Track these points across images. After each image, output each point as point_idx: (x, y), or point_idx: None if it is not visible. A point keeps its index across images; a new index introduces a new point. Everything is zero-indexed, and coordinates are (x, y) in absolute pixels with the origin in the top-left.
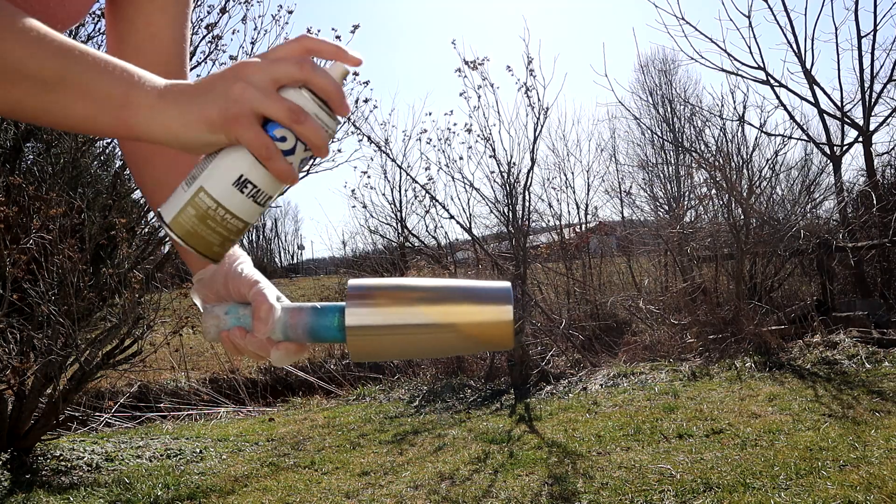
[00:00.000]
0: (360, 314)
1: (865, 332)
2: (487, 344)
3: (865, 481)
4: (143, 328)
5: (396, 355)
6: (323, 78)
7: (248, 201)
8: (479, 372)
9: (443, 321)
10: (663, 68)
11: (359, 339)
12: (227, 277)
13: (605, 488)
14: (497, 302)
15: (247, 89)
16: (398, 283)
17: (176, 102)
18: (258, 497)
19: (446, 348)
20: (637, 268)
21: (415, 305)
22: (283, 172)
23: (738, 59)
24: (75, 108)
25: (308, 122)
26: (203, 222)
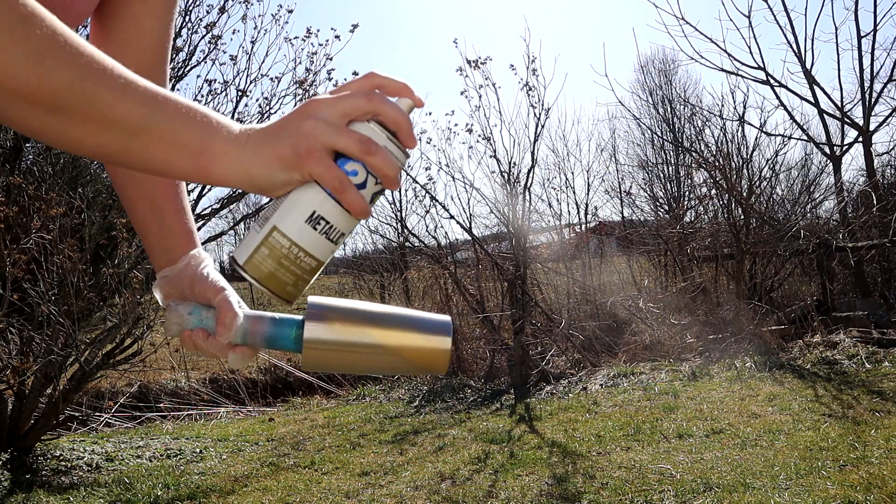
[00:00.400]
0: (316, 329)
1: (865, 332)
2: (425, 368)
3: (865, 481)
4: (143, 328)
5: (344, 369)
6: (392, 109)
7: (321, 238)
8: (479, 372)
9: (389, 344)
10: (663, 68)
11: (312, 351)
12: (193, 279)
13: (606, 488)
14: (439, 333)
15: (317, 125)
16: (353, 305)
17: (250, 145)
18: (258, 497)
19: (388, 368)
20: (637, 268)
21: (365, 327)
22: (356, 205)
23: (738, 59)
24: (155, 154)
25: (379, 152)
26: (277, 262)
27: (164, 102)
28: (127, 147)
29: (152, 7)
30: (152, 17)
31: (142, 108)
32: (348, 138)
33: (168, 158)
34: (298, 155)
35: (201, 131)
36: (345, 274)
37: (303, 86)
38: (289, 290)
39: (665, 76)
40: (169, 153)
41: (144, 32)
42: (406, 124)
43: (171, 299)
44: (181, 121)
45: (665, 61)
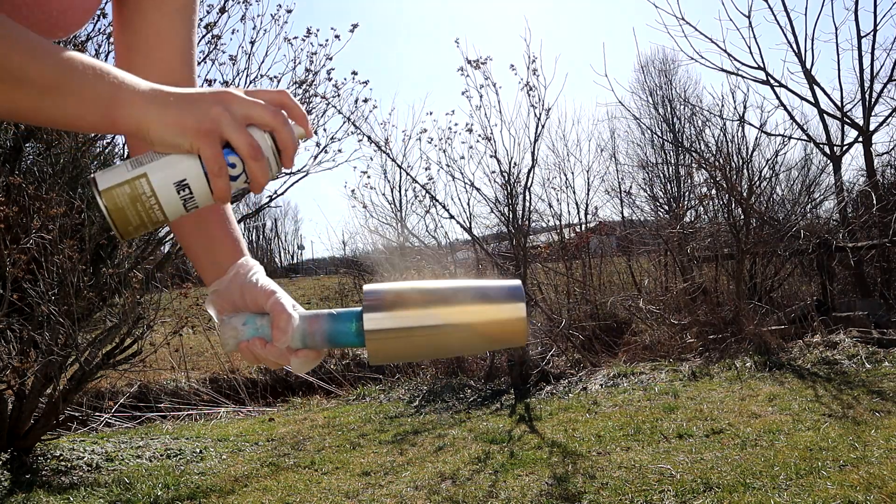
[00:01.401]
0: (377, 318)
1: (865, 332)
2: (502, 341)
3: (865, 481)
4: (143, 328)
5: (414, 357)
6: (288, 132)
7: (178, 201)
8: (479, 372)
9: (458, 321)
10: (663, 68)
11: (377, 342)
12: (243, 288)
13: (606, 488)
14: (510, 300)
15: (224, 114)
16: (412, 286)
17: (157, 103)
18: (258, 497)
19: (462, 347)
20: (637, 268)
21: (430, 307)
22: (221, 190)
23: (738, 59)
24: (67, 109)
25: (262, 161)
26: (133, 203)
27: (74, 62)
28: (39, 104)
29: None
30: (170, 24)
31: (54, 68)
32: (244, 138)
33: (80, 112)
34: (198, 131)
35: (110, 86)
36: (345, 274)
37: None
38: (129, 230)
39: (665, 76)
40: (81, 108)
41: (164, 42)
42: (293, 149)
43: (225, 313)
44: (92, 77)
45: (665, 61)
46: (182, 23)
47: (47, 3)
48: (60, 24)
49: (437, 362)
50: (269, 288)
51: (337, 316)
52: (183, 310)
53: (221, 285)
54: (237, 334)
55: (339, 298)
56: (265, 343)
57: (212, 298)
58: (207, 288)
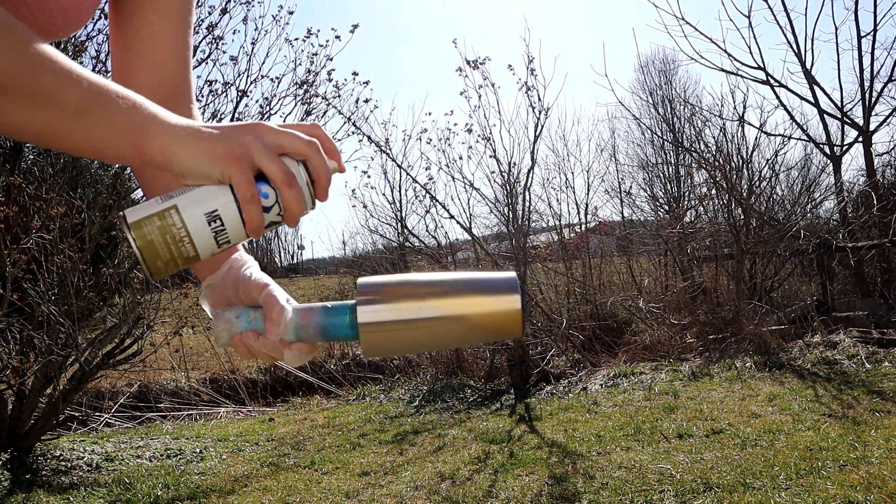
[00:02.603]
0: (371, 311)
1: (865, 332)
2: (497, 333)
3: (865, 481)
4: (143, 328)
5: (408, 350)
6: (321, 162)
7: (209, 235)
8: (479, 372)
9: (453, 313)
10: (663, 68)
11: (371, 335)
12: (237, 282)
13: (606, 488)
14: (505, 292)
15: (255, 142)
16: (407, 278)
17: (186, 135)
18: (258, 497)
19: (457, 339)
20: (637, 268)
21: (424, 300)
22: (254, 221)
23: (738, 59)
24: (96, 134)
25: (296, 189)
26: (162, 236)
27: (107, 89)
28: (71, 128)
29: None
30: (167, 26)
31: (86, 92)
32: (276, 166)
33: (109, 140)
34: (229, 158)
35: (141, 115)
36: (345, 274)
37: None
38: (158, 266)
39: (665, 76)
40: (110, 135)
41: (161, 44)
42: (326, 179)
43: (219, 308)
44: (123, 106)
45: (665, 61)
46: (179, 25)
47: (46, 2)
48: (60, 23)
49: (437, 362)
50: (262, 281)
51: (331, 309)
52: (183, 310)
53: (215, 280)
54: (230, 327)
55: (339, 298)
56: (258, 336)
57: (206, 293)
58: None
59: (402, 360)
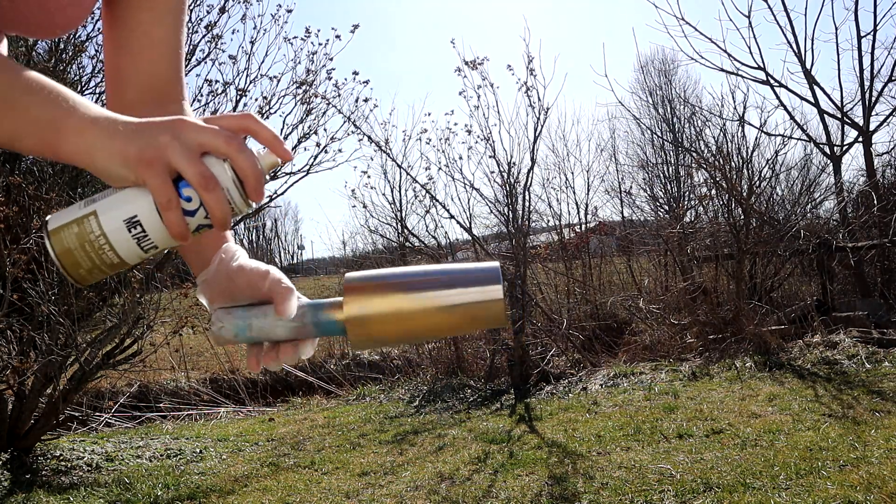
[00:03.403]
0: (356, 307)
1: (865, 332)
2: (481, 323)
3: (865, 481)
4: (143, 328)
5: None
6: (246, 160)
7: (131, 242)
8: (479, 372)
9: (437, 305)
10: (663, 68)
11: (357, 328)
12: (230, 274)
13: (605, 488)
14: (486, 283)
15: (172, 143)
16: (391, 272)
17: (104, 133)
18: (258, 497)
19: (443, 330)
20: (637, 268)
21: (408, 293)
22: (174, 227)
23: (738, 59)
24: (6, 126)
25: (216, 192)
26: (81, 244)
27: (26, 80)
28: None
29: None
30: (160, 25)
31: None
32: (193, 167)
33: (17, 133)
34: (140, 160)
35: (59, 110)
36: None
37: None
38: (81, 274)
39: (665, 76)
40: (19, 127)
41: (155, 43)
42: (253, 178)
43: (216, 303)
44: (40, 99)
45: (665, 61)
46: (173, 24)
47: (47, 1)
48: (59, 21)
49: (437, 362)
50: (263, 268)
51: (319, 305)
52: (183, 310)
53: (208, 275)
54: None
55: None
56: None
57: (201, 289)
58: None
59: (402, 360)
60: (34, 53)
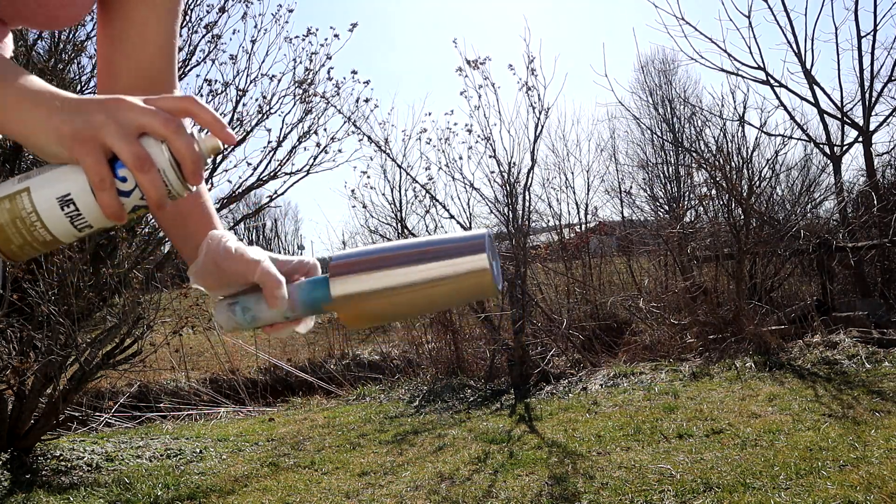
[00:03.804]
0: (343, 284)
1: (865, 332)
2: (470, 294)
3: (865, 481)
4: (143, 328)
5: (387, 318)
6: (183, 142)
7: (65, 220)
8: (479, 372)
9: (423, 279)
10: (663, 68)
11: (347, 307)
12: (218, 261)
13: (605, 488)
14: (471, 252)
15: (107, 122)
16: (376, 248)
17: (46, 109)
18: (258, 497)
19: (433, 304)
20: (637, 268)
21: (394, 268)
22: (109, 206)
23: (738, 59)
24: None
25: (151, 173)
26: (12, 220)
27: None
28: None
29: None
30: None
31: None
32: (128, 148)
33: None
34: (74, 138)
35: None
36: None
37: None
38: (12, 249)
39: (665, 76)
40: None
41: (150, 36)
42: (190, 161)
43: (213, 290)
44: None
45: (665, 61)
46: (168, 18)
47: None
48: (61, 17)
49: (437, 362)
50: (253, 257)
51: (310, 284)
52: (183, 310)
53: (198, 266)
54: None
55: None
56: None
57: (195, 280)
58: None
59: (402, 360)
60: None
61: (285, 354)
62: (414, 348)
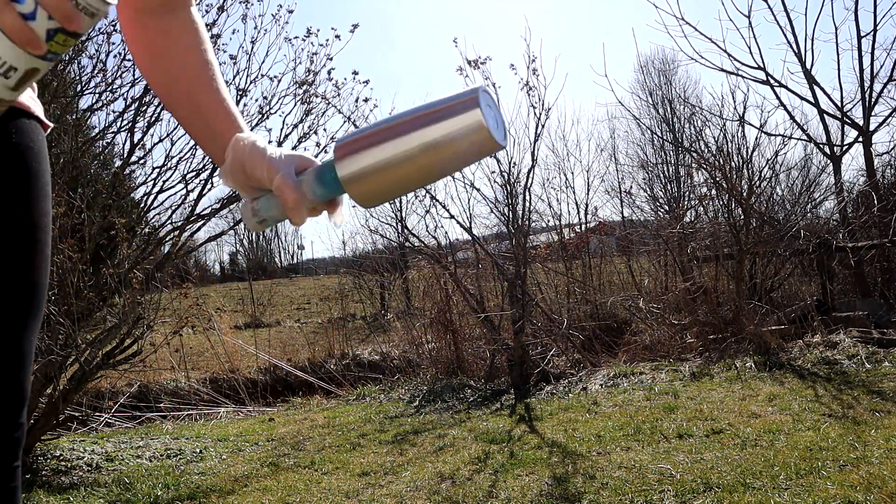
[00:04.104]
0: (347, 164)
1: (865, 332)
2: (473, 153)
3: (865, 481)
4: (143, 328)
5: (398, 190)
6: None
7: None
8: (479, 372)
9: (421, 146)
10: (663, 68)
11: (356, 185)
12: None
13: (606, 488)
14: (463, 111)
15: None
16: (376, 123)
17: None
18: (258, 497)
19: (440, 169)
20: (637, 268)
21: (391, 140)
22: (14, 30)
23: (738, 59)
24: None
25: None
26: None
27: None
28: None
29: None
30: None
31: None
32: None
33: None
34: None
35: None
36: (345, 274)
37: (303, 86)
38: None
39: (665, 76)
40: None
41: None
42: None
43: (244, 191)
44: None
45: (665, 61)
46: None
47: None
48: None
49: (437, 362)
50: (272, 165)
51: (318, 170)
52: (183, 310)
53: (225, 169)
54: (254, 216)
55: (338, 299)
56: None
57: (224, 181)
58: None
59: (402, 360)
60: None
61: (285, 354)
62: (414, 348)
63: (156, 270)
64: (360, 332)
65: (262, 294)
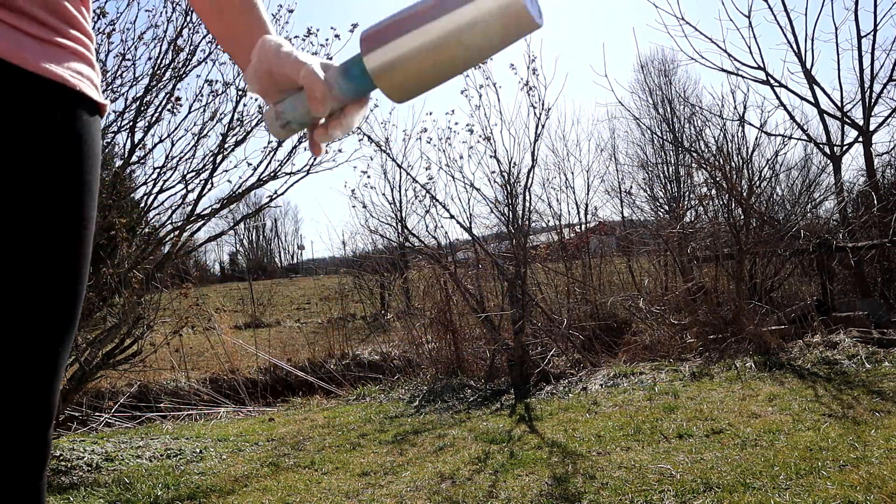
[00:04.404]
0: (376, 56)
1: (865, 332)
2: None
3: (865, 481)
4: (143, 328)
5: (431, 80)
6: None
7: None
8: (479, 372)
9: (455, 27)
10: (663, 68)
11: (387, 78)
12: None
13: (606, 488)
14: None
15: None
16: (402, 9)
17: None
18: (258, 497)
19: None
20: (637, 268)
21: (423, 25)
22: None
23: (738, 59)
24: None
25: None
26: None
27: None
28: None
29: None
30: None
31: None
32: None
33: None
34: None
35: None
36: (345, 274)
37: None
38: None
39: (665, 76)
40: None
41: None
42: None
43: (267, 96)
44: None
45: (665, 61)
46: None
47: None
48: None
49: (437, 362)
50: (298, 59)
51: (344, 67)
52: (183, 310)
53: (250, 73)
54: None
55: (338, 299)
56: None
57: (249, 86)
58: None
59: (402, 360)
60: None
61: (285, 354)
62: (414, 348)
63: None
64: (360, 332)
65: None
